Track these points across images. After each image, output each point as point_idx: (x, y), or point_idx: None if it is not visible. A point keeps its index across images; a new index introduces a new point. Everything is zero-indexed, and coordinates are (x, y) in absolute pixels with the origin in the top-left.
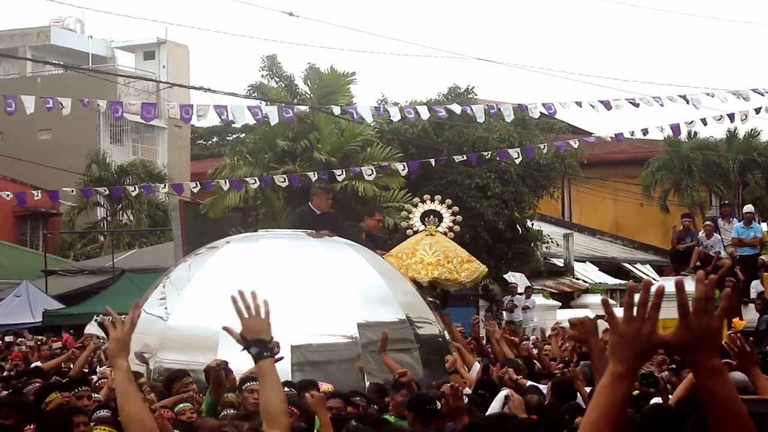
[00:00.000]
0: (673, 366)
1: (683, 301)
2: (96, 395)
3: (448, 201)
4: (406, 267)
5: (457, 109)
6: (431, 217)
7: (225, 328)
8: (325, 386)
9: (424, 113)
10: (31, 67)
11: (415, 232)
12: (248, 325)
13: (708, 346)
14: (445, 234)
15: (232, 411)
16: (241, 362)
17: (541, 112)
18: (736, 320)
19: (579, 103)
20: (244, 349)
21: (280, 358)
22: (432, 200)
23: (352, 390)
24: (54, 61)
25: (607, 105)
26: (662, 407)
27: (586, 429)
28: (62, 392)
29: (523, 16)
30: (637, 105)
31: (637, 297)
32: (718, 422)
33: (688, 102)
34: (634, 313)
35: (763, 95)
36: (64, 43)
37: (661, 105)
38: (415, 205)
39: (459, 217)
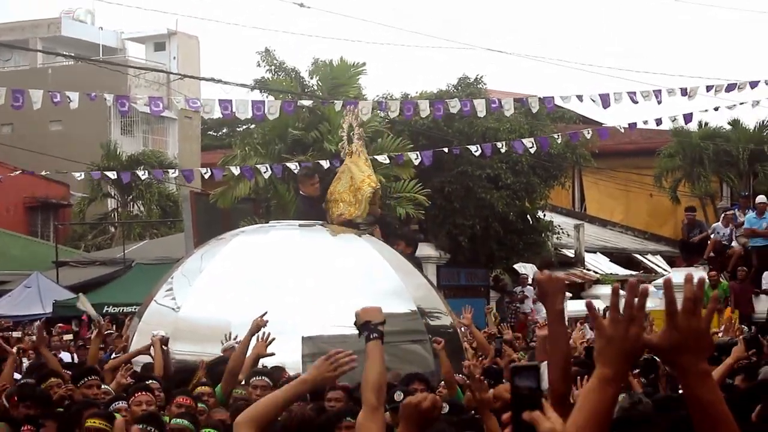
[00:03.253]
0: None
1: (671, 299)
2: (106, 386)
3: (358, 110)
4: (328, 204)
5: (457, 104)
6: (354, 130)
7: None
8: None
9: (425, 108)
10: (42, 59)
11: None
12: (363, 310)
13: (695, 348)
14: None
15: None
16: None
17: (545, 104)
18: (727, 312)
19: (580, 97)
20: (359, 334)
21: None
22: (352, 112)
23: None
24: (64, 53)
25: (605, 100)
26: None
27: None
28: (73, 383)
29: (533, 6)
30: (636, 102)
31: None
32: (704, 427)
33: (685, 94)
34: (620, 315)
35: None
36: (74, 34)
37: (659, 102)
38: (343, 120)
39: (361, 131)
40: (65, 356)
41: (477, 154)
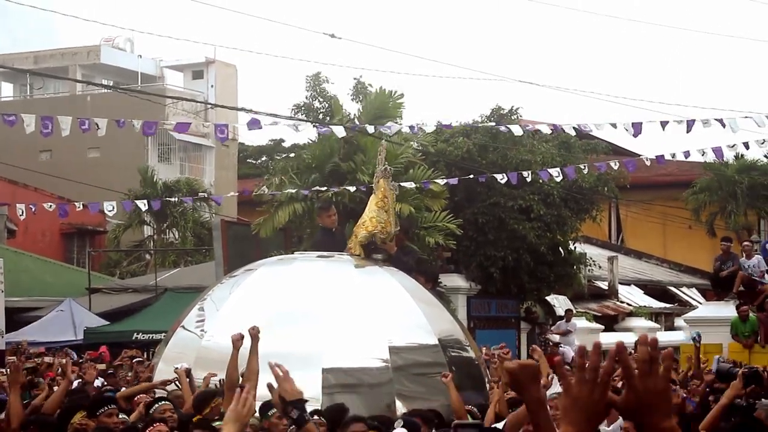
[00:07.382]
0: None
1: (627, 364)
2: (123, 416)
3: (384, 146)
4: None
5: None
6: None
7: (268, 385)
8: None
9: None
10: (81, 86)
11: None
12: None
13: (657, 408)
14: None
15: None
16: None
17: (578, 132)
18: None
19: (614, 125)
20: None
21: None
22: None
23: (376, 415)
24: (101, 82)
25: (637, 128)
26: None
27: None
28: (86, 412)
29: (567, 39)
30: (664, 129)
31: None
32: None
33: (724, 126)
34: (587, 376)
35: None
36: (114, 62)
37: (687, 132)
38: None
39: (381, 168)
40: (98, 382)
41: (504, 182)
